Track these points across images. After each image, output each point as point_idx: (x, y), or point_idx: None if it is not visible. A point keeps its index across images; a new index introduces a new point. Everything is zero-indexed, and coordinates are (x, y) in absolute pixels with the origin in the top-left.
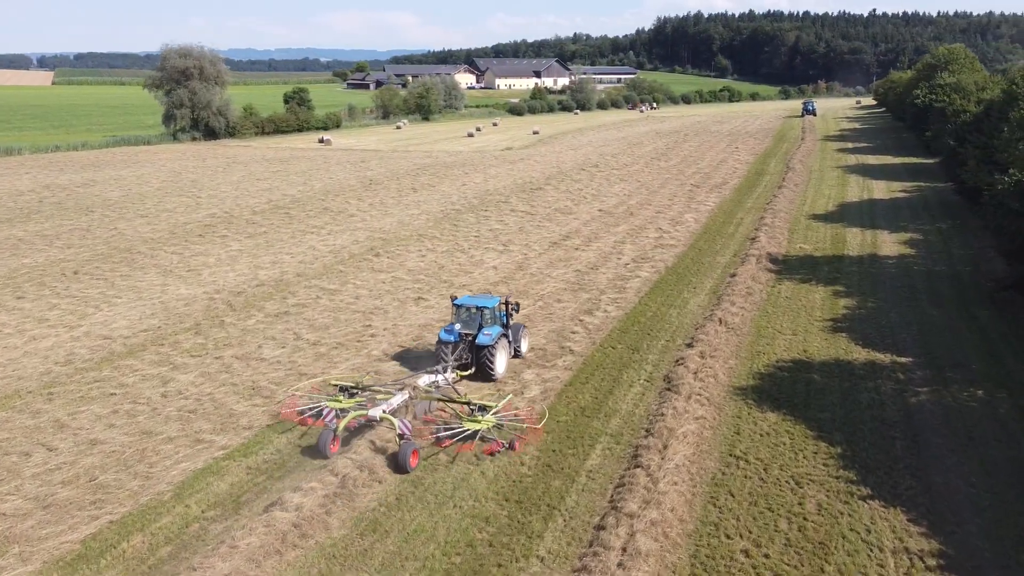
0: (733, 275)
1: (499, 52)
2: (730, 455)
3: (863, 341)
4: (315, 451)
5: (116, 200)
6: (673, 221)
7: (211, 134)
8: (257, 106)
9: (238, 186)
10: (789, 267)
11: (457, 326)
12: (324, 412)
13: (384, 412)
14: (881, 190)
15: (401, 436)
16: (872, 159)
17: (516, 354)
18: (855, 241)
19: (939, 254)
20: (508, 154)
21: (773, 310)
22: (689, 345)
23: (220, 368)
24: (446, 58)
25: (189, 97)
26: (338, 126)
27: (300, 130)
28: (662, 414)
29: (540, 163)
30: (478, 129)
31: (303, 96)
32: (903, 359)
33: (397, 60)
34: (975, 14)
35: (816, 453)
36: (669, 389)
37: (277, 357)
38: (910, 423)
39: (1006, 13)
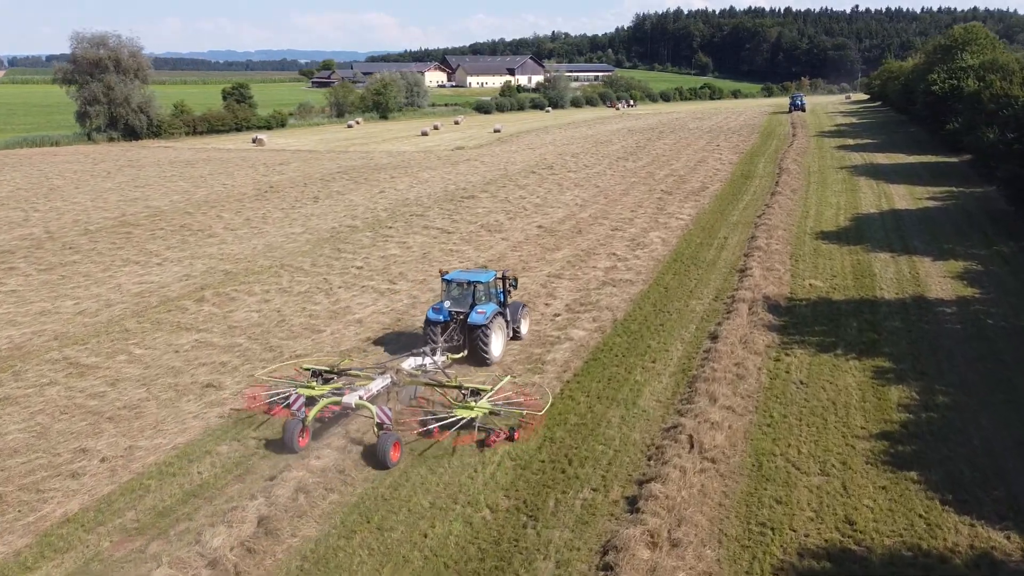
0: (714, 337)
1: (477, 51)
2: None
3: (953, 496)
4: (282, 445)
5: None
6: (633, 242)
7: (132, 133)
8: (205, 105)
9: (100, 196)
10: (798, 321)
11: (446, 304)
12: (292, 399)
13: (361, 399)
14: (903, 197)
15: (380, 426)
16: (881, 157)
17: (515, 336)
18: (887, 274)
19: (1017, 296)
20: (455, 154)
21: (781, 413)
22: (633, 509)
23: None
24: (422, 57)
25: (104, 92)
26: (283, 125)
27: (239, 129)
28: None
29: (486, 165)
30: (436, 127)
31: (243, 93)
32: None
33: (373, 60)
34: (959, 9)
35: None
36: None
37: None
38: None
39: (991, 8)
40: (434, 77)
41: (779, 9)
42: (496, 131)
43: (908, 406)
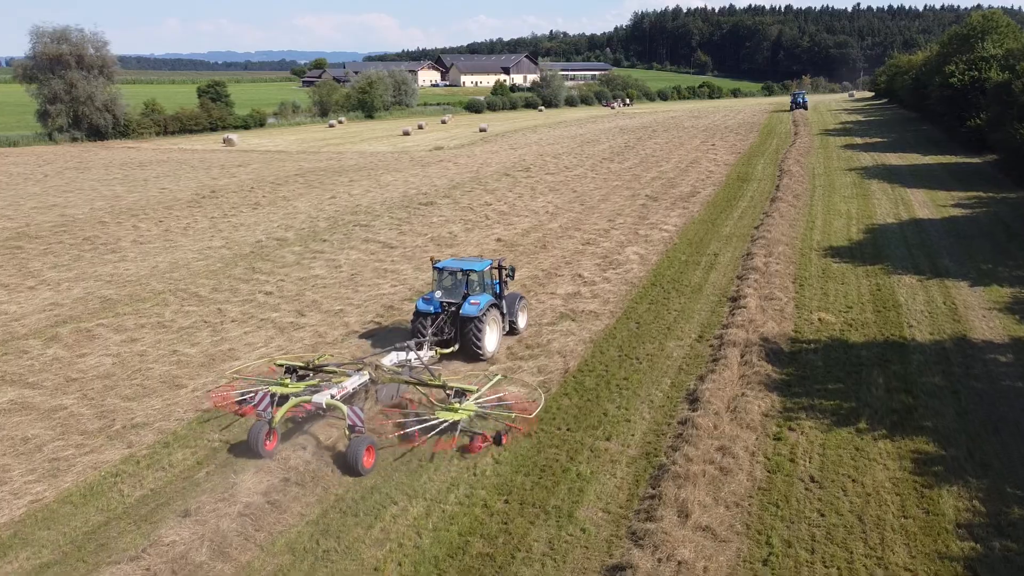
0: (693, 401)
1: (474, 51)
2: None
3: None
4: (247, 448)
5: None
6: (606, 260)
7: (97, 133)
8: (190, 105)
9: (15, 202)
10: (805, 375)
11: (437, 294)
12: (258, 398)
13: (333, 398)
14: (924, 204)
15: (352, 428)
16: (894, 158)
17: (512, 330)
18: (916, 305)
19: None
20: (431, 155)
21: (784, 538)
22: None
23: None
24: (420, 57)
25: (67, 90)
26: (262, 124)
27: (214, 129)
28: None
29: (459, 166)
30: (420, 127)
31: (219, 91)
32: None
33: (370, 60)
34: (963, 7)
35: None
36: None
37: None
38: None
39: (994, 7)
40: (428, 76)
41: (779, 7)
42: (481, 130)
43: (971, 527)
